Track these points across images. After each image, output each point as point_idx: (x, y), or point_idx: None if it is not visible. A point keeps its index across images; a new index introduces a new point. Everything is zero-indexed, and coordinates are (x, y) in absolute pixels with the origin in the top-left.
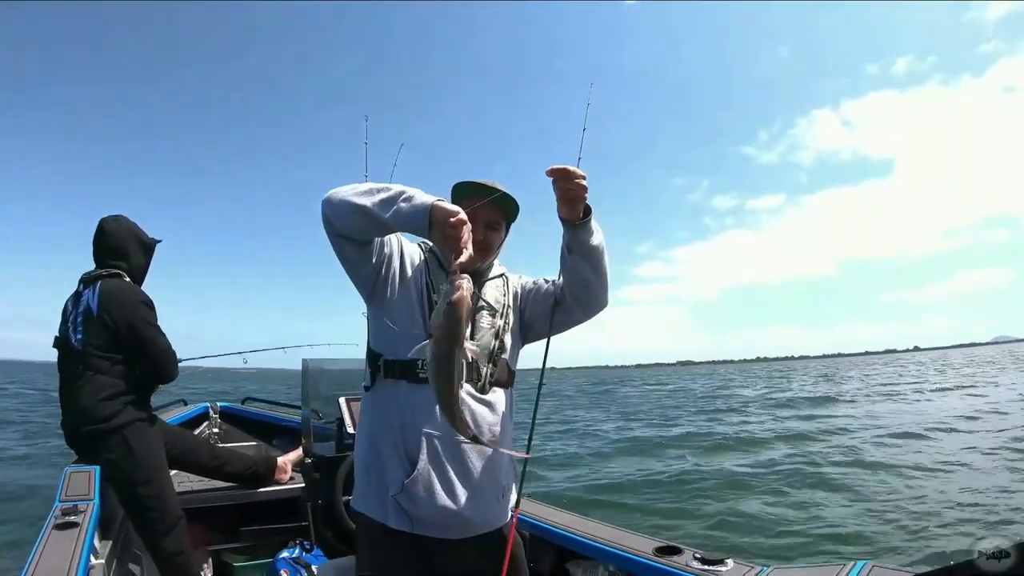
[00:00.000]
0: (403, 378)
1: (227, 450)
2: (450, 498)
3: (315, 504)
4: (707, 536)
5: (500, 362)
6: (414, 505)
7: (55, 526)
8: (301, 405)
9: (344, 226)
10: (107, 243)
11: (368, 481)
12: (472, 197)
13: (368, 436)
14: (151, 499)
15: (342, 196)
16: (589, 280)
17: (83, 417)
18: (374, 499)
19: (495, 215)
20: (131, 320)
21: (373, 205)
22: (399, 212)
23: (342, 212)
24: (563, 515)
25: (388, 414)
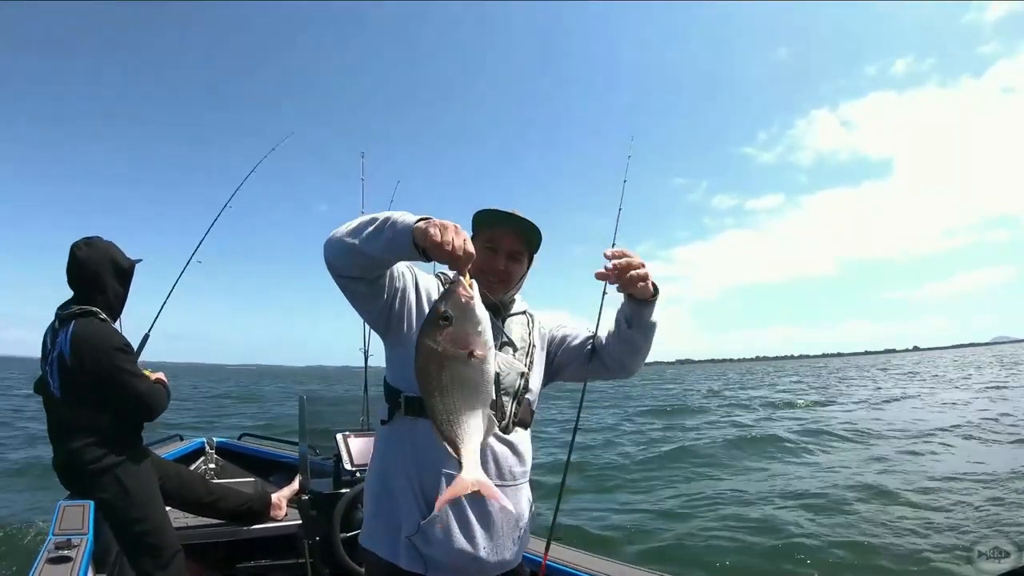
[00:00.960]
0: (423, 415)
1: (222, 486)
2: (468, 541)
3: (312, 541)
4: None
5: (524, 402)
6: (429, 547)
7: (48, 560)
8: (298, 441)
9: (345, 270)
10: (80, 273)
11: (379, 519)
12: (493, 226)
13: (381, 473)
14: (148, 535)
15: (336, 237)
16: (639, 351)
17: (73, 459)
18: (385, 538)
19: (517, 245)
20: (105, 368)
21: (363, 242)
22: (387, 242)
23: (339, 255)
24: (570, 552)
25: (403, 452)
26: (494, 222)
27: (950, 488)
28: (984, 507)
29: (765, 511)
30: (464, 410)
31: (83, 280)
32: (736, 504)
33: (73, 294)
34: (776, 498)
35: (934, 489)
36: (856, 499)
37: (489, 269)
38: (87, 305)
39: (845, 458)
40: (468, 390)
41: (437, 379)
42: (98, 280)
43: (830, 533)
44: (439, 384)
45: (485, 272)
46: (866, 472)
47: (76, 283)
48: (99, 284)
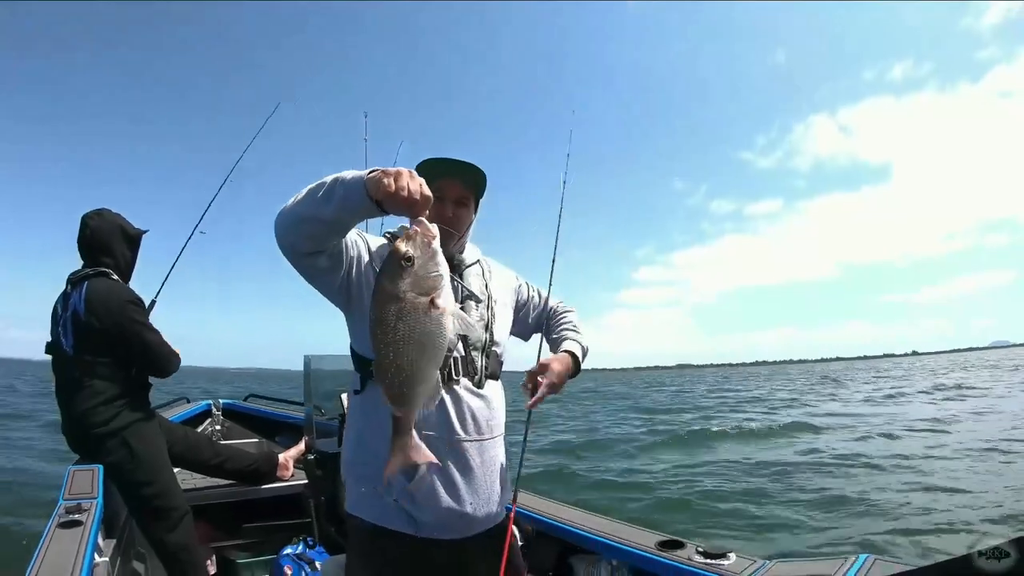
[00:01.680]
0: None
1: (229, 447)
2: (454, 499)
3: (318, 500)
4: (709, 530)
5: (492, 355)
6: (417, 508)
7: (59, 524)
8: (303, 401)
9: (300, 244)
10: (91, 239)
11: (364, 485)
12: (435, 176)
13: (361, 441)
14: (156, 497)
15: (285, 211)
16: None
17: (81, 422)
18: (372, 503)
19: (462, 190)
20: (119, 320)
21: (313, 208)
22: (339, 201)
23: (289, 227)
24: (566, 510)
25: (379, 419)
26: (435, 172)
27: (950, 488)
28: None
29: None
30: (418, 370)
31: (94, 246)
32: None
33: (84, 262)
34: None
35: (932, 487)
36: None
37: (437, 219)
38: (98, 267)
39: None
40: (424, 346)
41: (394, 330)
42: (109, 246)
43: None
44: (395, 336)
45: (434, 223)
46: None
47: (87, 250)
48: (109, 249)
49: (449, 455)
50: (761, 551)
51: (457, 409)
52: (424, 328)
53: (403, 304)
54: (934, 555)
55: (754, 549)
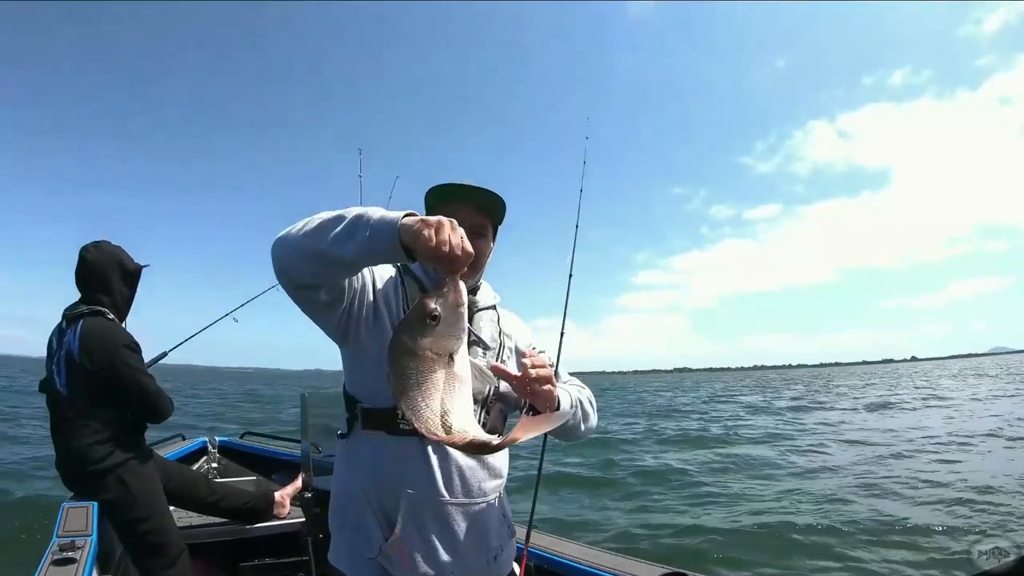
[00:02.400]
0: (381, 429)
1: (225, 485)
2: (431, 564)
3: (315, 539)
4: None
5: (494, 409)
6: (393, 569)
7: (52, 562)
8: (300, 438)
9: (303, 277)
10: (88, 274)
11: (343, 537)
12: (448, 202)
13: (343, 490)
14: (151, 535)
15: (291, 240)
16: (569, 435)
17: (76, 459)
18: (349, 557)
19: (478, 218)
20: (113, 364)
21: (328, 245)
22: (363, 244)
23: (294, 260)
24: (565, 544)
25: (363, 468)
26: (448, 197)
27: (949, 488)
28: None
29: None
30: (457, 407)
31: (91, 281)
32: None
33: (80, 295)
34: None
35: (933, 489)
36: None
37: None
38: (94, 305)
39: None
40: (453, 388)
41: (417, 383)
42: (105, 281)
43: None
44: (419, 386)
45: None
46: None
47: (84, 284)
48: (106, 285)
49: (430, 517)
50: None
51: (443, 467)
52: (446, 376)
53: (420, 360)
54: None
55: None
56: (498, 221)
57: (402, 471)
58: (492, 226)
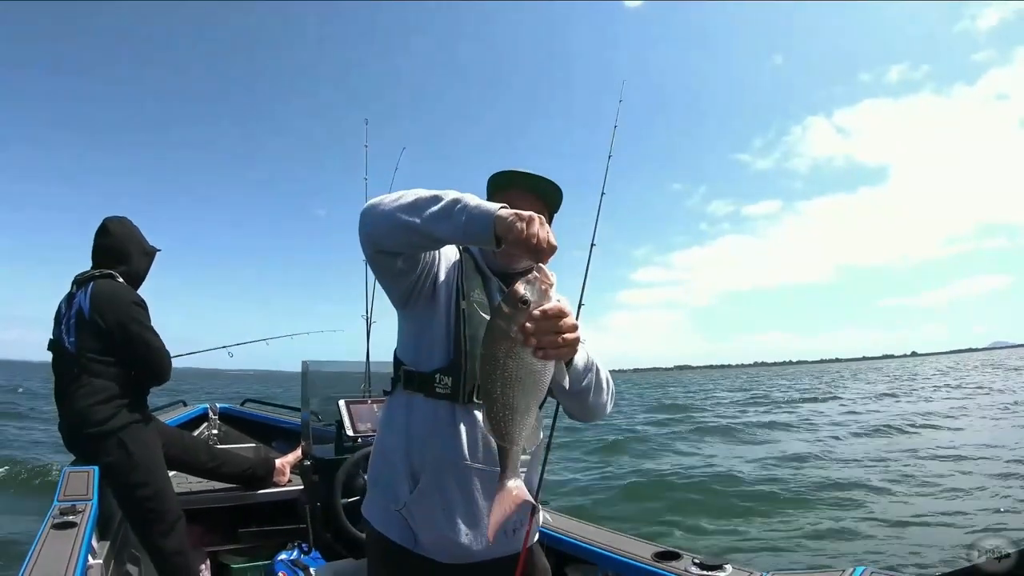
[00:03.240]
0: (420, 392)
1: (225, 451)
2: (449, 525)
3: (314, 506)
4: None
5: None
6: (415, 524)
7: (53, 525)
8: (300, 407)
9: (389, 245)
10: (109, 243)
11: (375, 490)
12: (507, 188)
13: (380, 444)
14: (150, 500)
15: (385, 210)
16: (584, 399)
17: (79, 421)
18: (379, 509)
19: (536, 205)
20: (122, 320)
21: (423, 221)
22: (456, 226)
23: (387, 230)
24: (562, 520)
25: (397, 426)
26: (508, 184)
27: (948, 485)
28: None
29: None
30: (522, 406)
31: (110, 250)
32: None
33: (93, 264)
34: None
35: (932, 485)
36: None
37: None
38: (107, 270)
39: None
40: (530, 384)
41: (503, 367)
42: (124, 251)
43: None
44: (504, 373)
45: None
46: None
47: (102, 252)
48: (124, 256)
49: (452, 478)
50: (758, 562)
51: (470, 433)
52: (530, 368)
53: (513, 343)
54: (933, 567)
55: (750, 560)
56: (555, 210)
57: (431, 432)
58: (549, 214)
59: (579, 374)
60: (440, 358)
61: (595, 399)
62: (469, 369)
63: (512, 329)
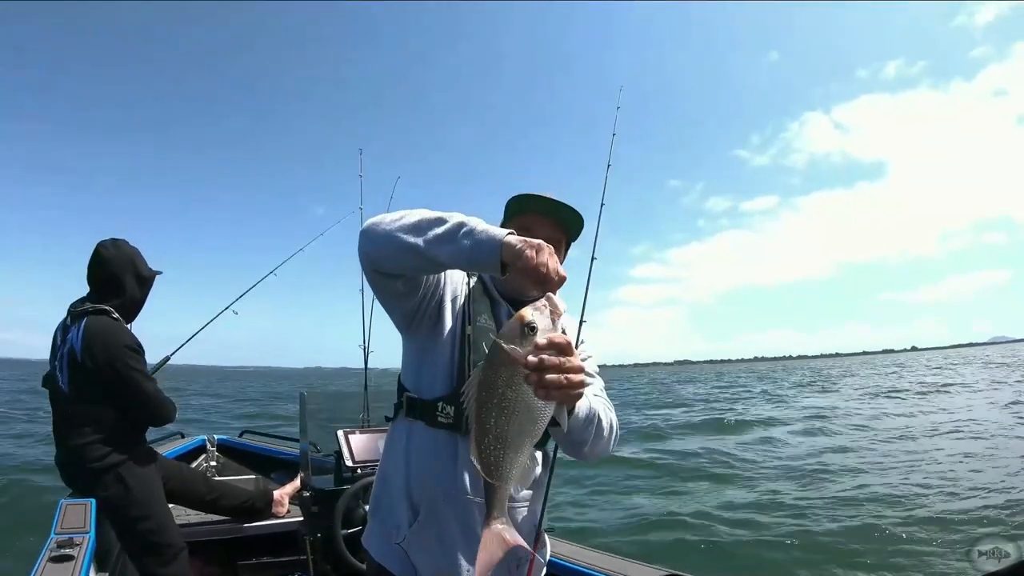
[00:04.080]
0: (421, 419)
1: (223, 483)
2: (449, 559)
3: (314, 538)
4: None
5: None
6: (415, 557)
7: (50, 559)
8: (299, 438)
9: (390, 267)
10: (101, 272)
11: (375, 519)
12: (526, 212)
13: (381, 473)
14: (151, 533)
15: (386, 230)
16: (582, 446)
17: (76, 457)
18: (379, 540)
19: (554, 232)
20: (114, 365)
21: (427, 244)
22: (460, 251)
23: (388, 251)
24: (565, 546)
25: (398, 454)
26: (527, 208)
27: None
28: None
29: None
30: (515, 442)
31: (103, 279)
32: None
33: (89, 292)
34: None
35: (931, 485)
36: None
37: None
38: (102, 304)
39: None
40: (527, 420)
41: (501, 396)
42: (118, 281)
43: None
44: (500, 403)
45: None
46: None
47: (95, 281)
48: (118, 285)
49: (451, 512)
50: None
51: (472, 465)
52: (529, 403)
53: (515, 372)
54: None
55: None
56: (574, 237)
57: (431, 462)
58: (567, 241)
59: (579, 424)
60: (443, 385)
61: (592, 449)
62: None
63: (515, 357)
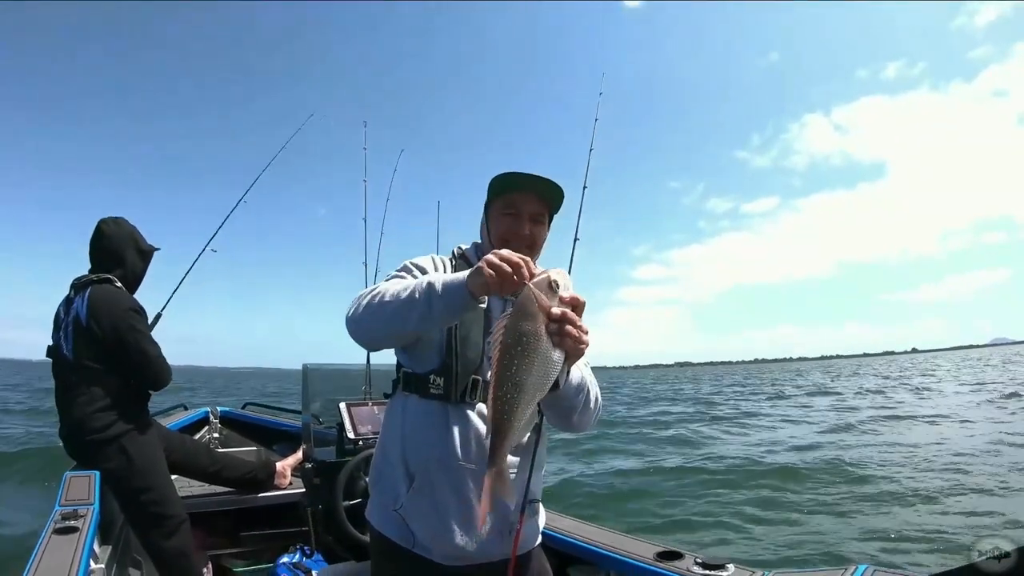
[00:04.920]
0: (415, 393)
1: (226, 455)
2: (442, 525)
3: (315, 509)
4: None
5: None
6: (412, 523)
7: (55, 531)
8: (301, 410)
9: (386, 346)
10: (103, 246)
11: (375, 490)
12: (509, 190)
13: (380, 445)
14: (154, 504)
15: (368, 325)
16: (570, 413)
17: (79, 428)
18: (380, 510)
19: (537, 206)
20: (118, 327)
21: (407, 322)
22: (443, 314)
23: (377, 339)
24: (564, 520)
25: (395, 427)
26: (510, 185)
27: (948, 482)
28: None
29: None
30: (529, 391)
31: (105, 253)
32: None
33: (91, 267)
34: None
35: (931, 483)
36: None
37: (513, 237)
38: (104, 274)
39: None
40: (542, 370)
41: (525, 344)
42: (119, 253)
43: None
44: (523, 351)
45: (510, 241)
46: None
47: (98, 255)
48: (119, 258)
49: (445, 478)
50: (760, 561)
51: (462, 432)
52: (547, 354)
53: (539, 324)
54: (932, 565)
55: (752, 559)
56: (555, 210)
57: (425, 431)
58: (550, 214)
59: (571, 390)
60: (434, 360)
61: (580, 418)
62: (460, 370)
63: (543, 305)
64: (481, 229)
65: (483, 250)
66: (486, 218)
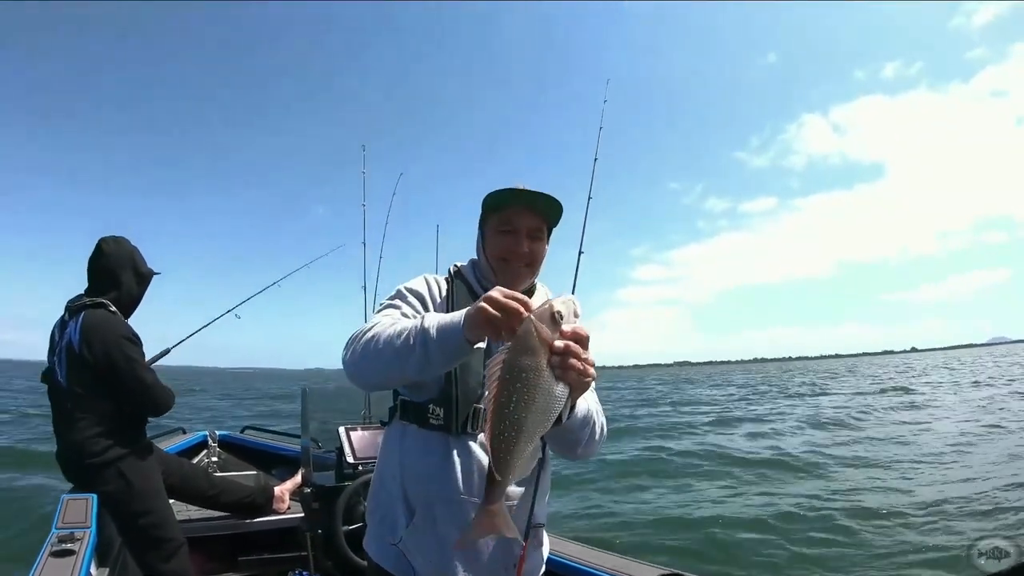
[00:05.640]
0: (414, 422)
1: (225, 479)
2: (443, 561)
3: (315, 534)
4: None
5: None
6: (413, 557)
7: (51, 553)
8: (300, 434)
9: (381, 389)
10: (101, 265)
11: (373, 520)
12: (503, 207)
13: (377, 474)
14: (152, 528)
15: (365, 371)
16: (575, 445)
17: (78, 451)
18: (377, 542)
19: (534, 221)
20: (111, 356)
21: (405, 370)
22: (442, 359)
23: (378, 385)
24: (570, 545)
25: (393, 456)
26: (504, 201)
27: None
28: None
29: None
30: (528, 429)
31: (103, 272)
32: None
33: (88, 286)
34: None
35: (931, 486)
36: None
37: (511, 255)
38: (99, 298)
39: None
40: (543, 407)
41: (525, 380)
42: (117, 276)
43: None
44: (523, 387)
45: (509, 260)
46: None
47: (95, 274)
48: (116, 279)
49: (446, 512)
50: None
51: (464, 464)
52: (549, 389)
53: (540, 358)
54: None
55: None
56: (554, 224)
57: (425, 463)
58: (548, 229)
59: (577, 423)
60: (433, 388)
61: (584, 450)
62: (461, 399)
63: (544, 338)
64: (477, 247)
65: (480, 269)
66: (481, 236)
